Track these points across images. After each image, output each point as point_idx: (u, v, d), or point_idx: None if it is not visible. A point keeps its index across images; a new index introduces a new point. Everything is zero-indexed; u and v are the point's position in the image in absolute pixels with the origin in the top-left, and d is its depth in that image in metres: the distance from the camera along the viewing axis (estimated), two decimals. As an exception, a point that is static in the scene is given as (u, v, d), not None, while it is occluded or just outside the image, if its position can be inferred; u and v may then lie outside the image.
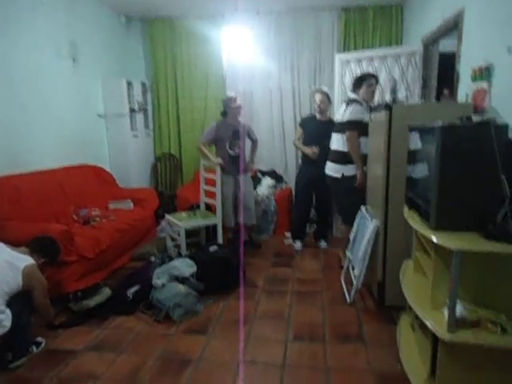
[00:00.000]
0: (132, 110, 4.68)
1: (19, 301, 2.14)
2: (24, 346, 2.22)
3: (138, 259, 3.62)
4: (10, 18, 3.19)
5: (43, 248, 2.44)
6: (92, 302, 2.71)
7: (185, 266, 2.95)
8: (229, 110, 3.74)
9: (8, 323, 2.02)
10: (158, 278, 2.80)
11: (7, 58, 3.18)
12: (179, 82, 5.02)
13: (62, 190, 3.50)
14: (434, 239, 1.59)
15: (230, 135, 3.72)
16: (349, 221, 3.16)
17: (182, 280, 2.85)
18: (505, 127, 1.57)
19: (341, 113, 3.22)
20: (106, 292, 2.81)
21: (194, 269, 2.95)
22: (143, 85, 4.95)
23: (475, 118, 1.62)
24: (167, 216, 3.83)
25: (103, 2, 4.44)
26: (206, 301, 2.85)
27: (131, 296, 2.78)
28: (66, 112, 3.90)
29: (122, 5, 4.57)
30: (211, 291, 2.94)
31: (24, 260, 2.21)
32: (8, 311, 2.05)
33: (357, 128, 3.03)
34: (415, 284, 2.07)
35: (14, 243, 2.37)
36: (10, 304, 2.09)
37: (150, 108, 5.13)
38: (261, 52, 4.75)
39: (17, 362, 2.15)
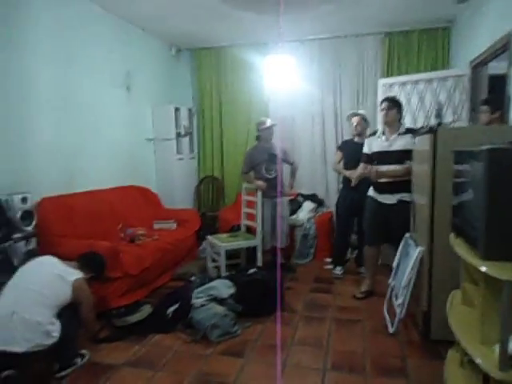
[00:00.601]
0: (178, 135, 4.91)
1: (68, 313, 2.26)
2: (70, 357, 2.32)
3: (178, 279, 3.70)
4: (74, 52, 3.52)
5: (91, 263, 2.57)
6: (133, 319, 2.79)
7: (223, 287, 2.97)
8: (261, 133, 3.84)
9: (57, 334, 2.13)
10: (197, 297, 2.84)
11: (71, 87, 3.50)
12: (223, 108, 5.23)
13: (111, 209, 3.70)
14: (483, 269, 1.51)
15: (265, 159, 3.80)
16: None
17: (220, 301, 2.87)
18: (559, 151, 1.48)
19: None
20: (147, 309, 2.89)
21: (232, 290, 2.97)
22: (189, 110, 5.20)
23: (527, 142, 1.54)
24: (208, 237, 3.91)
25: (156, 35, 4.77)
26: (244, 323, 2.84)
27: (170, 314, 2.83)
28: (118, 136, 4.18)
29: (173, 37, 4.90)
30: (249, 314, 2.92)
31: (73, 274, 2.35)
32: (58, 322, 2.16)
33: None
34: (463, 317, 1.94)
35: (66, 258, 2.52)
36: (59, 315, 2.20)
37: (195, 132, 5.35)
38: (303, 78, 4.84)
39: (63, 372, 2.24)
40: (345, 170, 3.80)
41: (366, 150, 3.26)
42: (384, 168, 3.10)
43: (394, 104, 3.14)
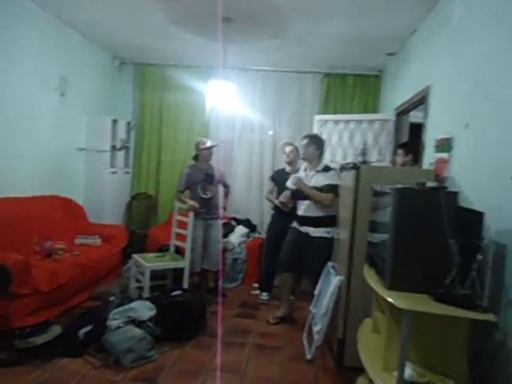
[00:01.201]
0: (113, 148, 4.74)
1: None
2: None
3: (97, 298, 3.48)
4: (2, 48, 3.29)
5: None
6: (39, 340, 2.56)
7: (144, 309, 2.85)
8: (199, 152, 3.85)
9: None
10: (114, 319, 2.69)
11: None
12: (164, 124, 5.17)
13: (27, 219, 3.42)
14: (387, 298, 1.62)
15: (202, 179, 3.79)
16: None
17: (138, 323, 2.74)
18: (455, 194, 1.67)
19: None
20: (56, 330, 2.67)
21: (153, 312, 2.85)
22: (128, 124, 5.06)
23: (429, 184, 1.72)
24: (134, 256, 3.76)
25: (99, 44, 4.64)
26: (162, 347, 2.73)
27: (82, 336, 2.65)
28: (45, 142, 3.92)
29: (117, 49, 4.80)
30: (169, 337, 2.82)
31: None
32: None
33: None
34: (372, 344, 2.05)
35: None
36: None
37: (132, 147, 5.20)
38: (245, 105, 4.98)
39: None
40: (276, 199, 3.91)
41: (289, 184, 3.33)
42: (305, 186, 3.19)
43: (312, 141, 3.28)
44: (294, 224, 3.39)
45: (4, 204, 3.26)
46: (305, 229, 3.25)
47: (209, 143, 3.88)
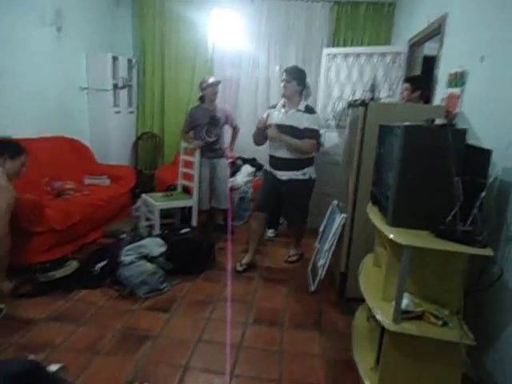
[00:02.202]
0: (115, 86, 4.62)
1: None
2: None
3: (109, 236, 3.62)
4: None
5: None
6: (58, 274, 2.72)
7: (154, 246, 2.97)
8: (204, 92, 3.73)
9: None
10: (127, 255, 2.82)
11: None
12: (166, 62, 4.97)
13: (35, 160, 3.41)
14: (388, 234, 1.66)
15: (207, 121, 3.71)
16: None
17: (150, 259, 2.87)
18: (463, 132, 1.63)
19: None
20: (74, 265, 2.82)
21: (163, 248, 2.98)
22: (129, 61, 4.89)
23: (438, 121, 1.67)
24: (143, 195, 3.84)
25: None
26: (173, 280, 2.89)
27: (98, 270, 2.80)
28: (46, 81, 3.83)
29: (112, -23, 4.48)
30: (180, 272, 2.98)
31: None
32: None
33: None
34: (372, 277, 2.14)
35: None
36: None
37: (134, 85, 5.07)
38: (250, 39, 4.74)
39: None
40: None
41: (275, 121, 3.03)
42: (284, 137, 2.93)
43: (293, 76, 2.94)
44: (267, 167, 3.19)
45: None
46: (280, 172, 3.06)
47: (211, 80, 3.74)
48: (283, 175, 3.06)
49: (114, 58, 4.57)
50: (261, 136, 3.11)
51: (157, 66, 5.00)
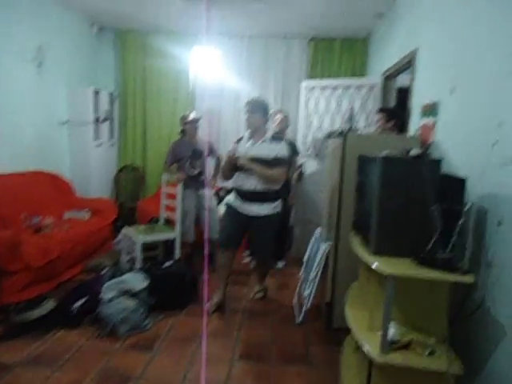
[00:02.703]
0: (97, 120, 4.63)
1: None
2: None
3: (90, 271, 3.52)
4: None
5: None
6: (34, 314, 2.59)
7: (136, 280, 2.88)
8: (185, 127, 3.79)
9: None
10: (107, 291, 2.73)
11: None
12: (148, 95, 5.04)
13: (13, 195, 3.38)
14: (371, 264, 1.67)
15: (189, 154, 3.75)
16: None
17: (132, 294, 2.79)
18: (438, 162, 1.69)
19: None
20: (50, 303, 2.70)
21: (145, 283, 2.89)
22: (111, 94, 4.93)
23: (415, 152, 1.73)
24: (124, 229, 3.77)
25: (75, 10, 4.42)
26: (156, 316, 2.81)
27: (77, 309, 2.69)
28: (26, 116, 3.81)
29: (95, 15, 4.59)
30: (163, 307, 2.90)
31: None
32: None
33: None
34: (358, 306, 2.13)
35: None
36: None
37: (116, 118, 5.09)
38: (231, 73, 4.87)
39: None
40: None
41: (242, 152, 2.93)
42: (255, 165, 2.82)
43: (256, 108, 2.88)
44: (233, 201, 3.02)
45: (-13, 181, 3.21)
46: (249, 207, 2.92)
47: (192, 116, 3.80)
48: (252, 210, 2.92)
49: (96, 92, 4.60)
50: (230, 169, 2.97)
51: (138, 98, 5.05)
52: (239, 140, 3.10)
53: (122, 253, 3.73)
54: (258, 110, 2.88)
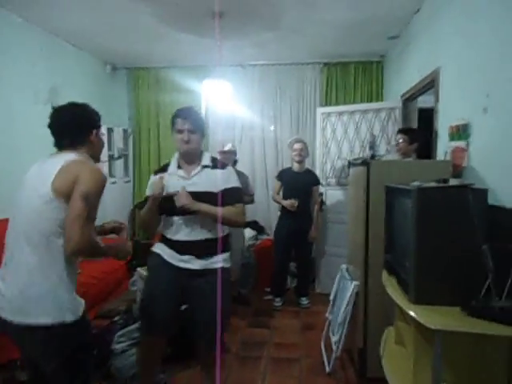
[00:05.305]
0: (111, 157, 4.58)
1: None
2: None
3: (104, 317, 3.33)
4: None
5: None
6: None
7: (150, 328, 2.69)
8: (219, 157, 3.63)
9: None
10: (119, 342, 2.54)
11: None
12: (162, 130, 5.00)
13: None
14: (414, 315, 1.43)
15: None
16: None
17: (146, 344, 2.58)
18: (484, 192, 1.47)
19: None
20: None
21: (160, 331, 2.69)
22: (125, 131, 4.91)
23: (452, 181, 1.52)
24: (139, 269, 3.60)
25: (89, 52, 4.48)
26: (172, 368, 2.58)
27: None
28: (40, 158, 3.77)
29: (108, 55, 4.64)
30: (180, 357, 2.67)
31: None
32: None
33: None
34: (396, 357, 1.88)
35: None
36: None
37: (130, 154, 5.05)
38: (244, 103, 4.79)
39: None
40: (283, 199, 3.73)
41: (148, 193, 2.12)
42: (204, 205, 1.92)
43: (197, 125, 2.03)
44: (167, 257, 2.02)
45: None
46: (191, 261, 1.97)
47: (228, 147, 3.66)
48: (192, 265, 1.97)
49: (110, 130, 4.58)
50: (154, 215, 2.07)
51: (152, 134, 5.02)
52: (160, 170, 2.19)
53: (137, 295, 3.55)
54: (198, 128, 2.03)
